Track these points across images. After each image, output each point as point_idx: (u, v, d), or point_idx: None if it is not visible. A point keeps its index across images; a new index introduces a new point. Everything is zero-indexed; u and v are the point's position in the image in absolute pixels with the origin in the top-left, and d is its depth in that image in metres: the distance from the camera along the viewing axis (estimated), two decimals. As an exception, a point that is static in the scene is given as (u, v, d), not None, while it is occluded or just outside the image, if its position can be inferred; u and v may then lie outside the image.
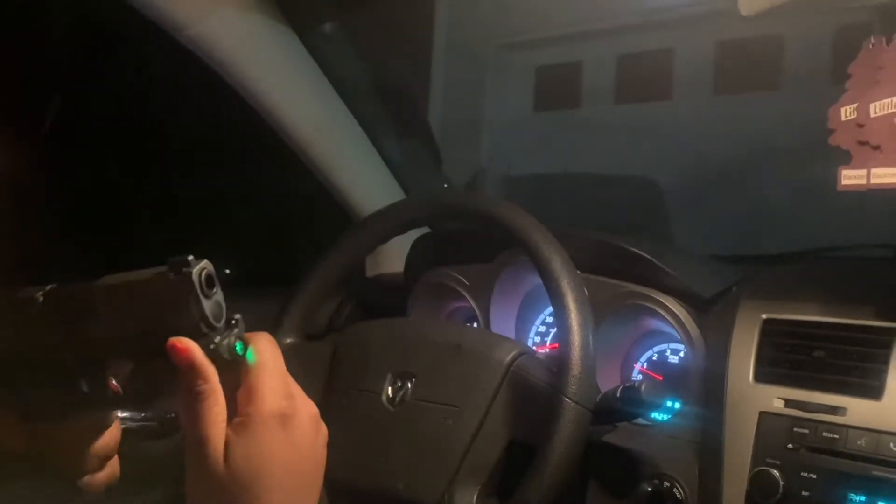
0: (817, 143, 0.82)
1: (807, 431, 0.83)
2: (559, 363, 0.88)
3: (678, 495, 0.90)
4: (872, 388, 0.82)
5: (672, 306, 1.01)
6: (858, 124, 0.79)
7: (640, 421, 0.95)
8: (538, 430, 0.86)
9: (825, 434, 0.82)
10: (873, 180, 0.77)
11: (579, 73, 1.92)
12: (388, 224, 1.11)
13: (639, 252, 1.04)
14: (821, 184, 0.84)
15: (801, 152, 1.36)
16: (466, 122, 2.02)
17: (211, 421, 0.57)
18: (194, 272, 0.56)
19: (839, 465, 0.81)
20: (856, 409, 0.82)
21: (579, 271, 0.94)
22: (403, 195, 1.41)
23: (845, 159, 0.80)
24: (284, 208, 1.64)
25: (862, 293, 0.91)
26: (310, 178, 1.34)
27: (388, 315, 1.16)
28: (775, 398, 0.87)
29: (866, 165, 0.78)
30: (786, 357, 0.89)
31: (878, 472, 0.79)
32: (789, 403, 0.86)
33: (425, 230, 1.31)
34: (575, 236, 1.04)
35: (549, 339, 1.21)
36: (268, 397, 0.58)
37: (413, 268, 1.27)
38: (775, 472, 0.83)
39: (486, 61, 2.01)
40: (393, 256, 1.37)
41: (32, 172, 1.34)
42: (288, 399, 0.59)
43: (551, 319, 1.20)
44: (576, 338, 0.88)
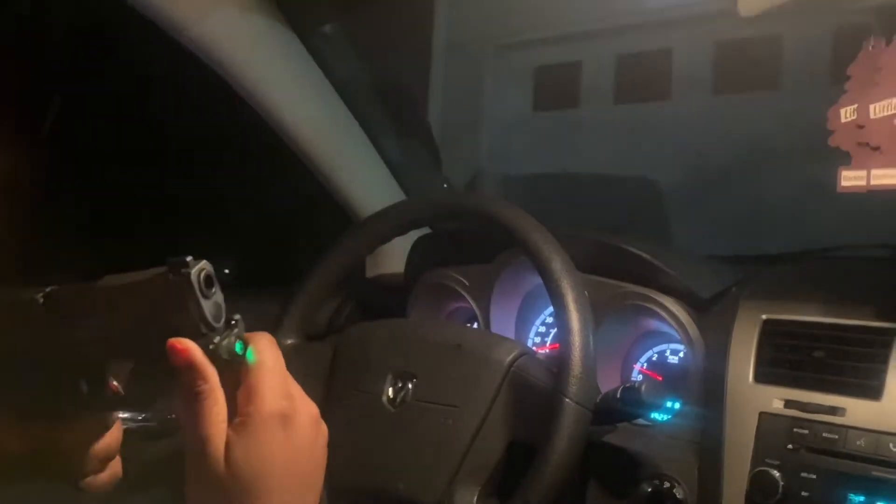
0: (817, 144, 0.82)
1: (806, 432, 0.83)
2: (559, 363, 0.88)
3: (678, 495, 0.90)
4: (872, 389, 0.82)
5: (672, 307, 1.01)
6: (858, 125, 0.79)
7: (641, 421, 0.95)
8: (538, 431, 0.86)
9: (825, 434, 0.82)
10: (873, 181, 0.78)
11: (578, 73, 1.92)
12: (389, 224, 1.11)
13: (638, 252, 1.04)
14: (820, 184, 0.85)
15: (800, 152, 1.36)
16: (466, 123, 2.03)
17: (211, 421, 0.57)
18: (193, 273, 0.56)
19: (839, 465, 0.81)
20: (855, 410, 0.82)
21: (579, 272, 0.94)
22: (403, 195, 1.41)
23: (845, 159, 0.80)
24: (284, 209, 1.64)
25: (862, 293, 0.91)
26: (310, 179, 1.34)
27: (388, 315, 1.16)
28: (775, 398, 0.87)
29: (866, 166, 0.78)
30: (785, 357, 0.89)
31: (878, 473, 0.79)
32: (789, 404, 0.86)
33: (425, 231, 1.31)
34: (575, 236, 1.04)
35: (550, 340, 1.21)
36: (268, 397, 0.58)
37: (413, 268, 1.27)
38: (775, 473, 0.83)
39: (486, 61, 2.01)
40: (393, 257, 1.37)
41: (32, 173, 1.34)
42: (288, 399, 0.59)
43: (551, 320, 1.20)
44: (576, 338, 0.88)
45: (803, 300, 0.92)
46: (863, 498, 0.79)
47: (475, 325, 1.20)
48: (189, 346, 0.57)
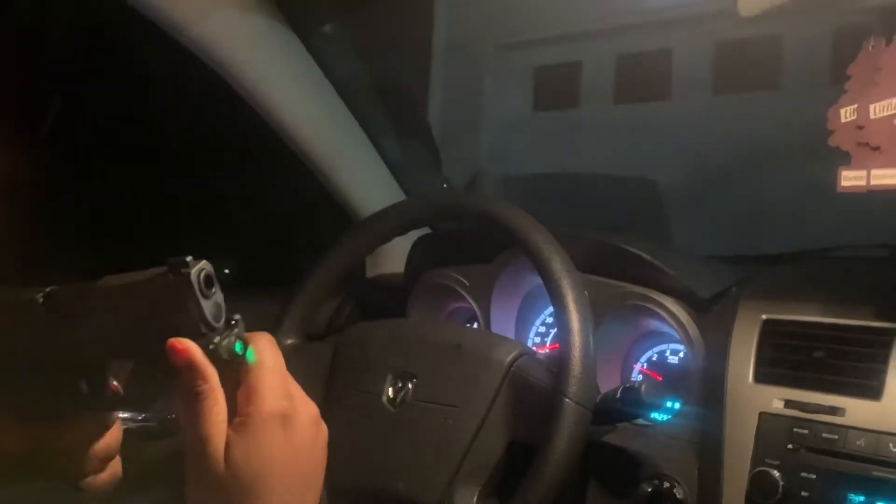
0: (816, 144, 0.82)
1: (806, 432, 0.83)
2: (559, 363, 0.88)
3: (678, 495, 0.90)
4: (872, 389, 0.82)
5: (672, 307, 1.01)
6: (858, 125, 0.79)
7: (640, 421, 0.95)
8: (538, 431, 0.86)
9: (825, 434, 0.82)
10: (873, 181, 0.78)
11: (578, 73, 1.92)
12: (389, 224, 1.11)
13: (638, 252, 1.04)
14: (820, 184, 0.85)
15: (800, 152, 1.36)
16: (466, 123, 2.03)
17: (211, 421, 0.57)
18: (193, 273, 0.56)
19: (839, 465, 0.81)
20: (855, 410, 0.82)
21: (579, 272, 0.94)
22: (403, 195, 1.41)
23: (845, 159, 0.80)
24: (284, 209, 1.64)
25: (862, 293, 0.91)
26: (310, 179, 1.34)
27: (388, 315, 1.16)
28: (775, 399, 0.87)
29: (866, 166, 0.78)
30: (785, 357, 0.89)
31: (878, 473, 0.79)
32: (789, 404, 0.86)
33: (425, 231, 1.31)
34: (575, 236, 1.04)
35: (549, 340, 1.21)
36: (268, 397, 0.58)
37: (413, 268, 1.27)
38: (775, 473, 0.83)
39: (486, 61, 2.02)
40: (393, 257, 1.37)
41: (32, 173, 1.34)
42: (288, 399, 0.59)
43: (551, 320, 1.20)
44: (576, 338, 0.88)
45: (803, 300, 0.92)
46: (863, 498, 0.79)
47: (475, 325, 1.20)
48: (189, 346, 0.57)
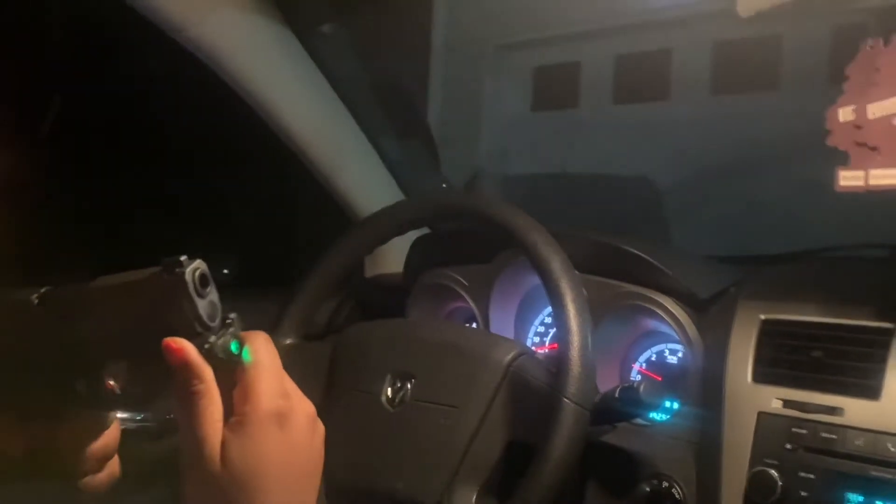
0: (815, 144, 0.83)
1: (805, 432, 0.84)
2: (558, 363, 0.88)
3: (677, 495, 0.90)
4: (870, 389, 0.82)
5: (670, 307, 1.01)
6: (856, 125, 0.79)
7: (639, 421, 0.95)
8: (537, 431, 0.86)
9: (823, 434, 0.82)
10: (871, 181, 0.78)
11: (577, 74, 1.92)
12: (388, 225, 1.11)
13: (637, 252, 1.04)
14: (819, 184, 0.85)
15: (799, 152, 1.36)
16: (465, 123, 2.03)
17: (207, 420, 0.57)
18: (187, 272, 0.55)
19: (837, 465, 0.81)
20: (854, 410, 0.82)
21: (578, 272, 0.94)
22: (402, 195, 1.41)
23: (843, 159, 0.80)
24: (284, 209, 1.64)
25: (860, 293, 0.91)
26: (309, 179, 1.34)
27: (387, 315, 1.16)
28: (774, 398, 0.87)
29: (864, 166, 0.78)
30: (784, 357, 0.89)
31: (876, 473, 0.79)
32: (788, 404, 0.86)
33: (424, 231, 1.31)
34: (573, 237, 1.04)
35: (548, 340, 1.21)
36: (264, 396, 0.58)
37: (412, 268, 1.27)
38: (774, 473, 0.83)
39: (485, 62, 2.01)
40: (392, 257, 1.38)
41: (32, 173, 1.34)
42: (284, 398, 0.59)
43: (550, 320, 1.20)
44: (575, 338, 0.88)
45: (802, 300, 0.92)
46: (861, 498, 0.79)
47: (474, 325, 1.20)
48: (184, 346, 0.56)
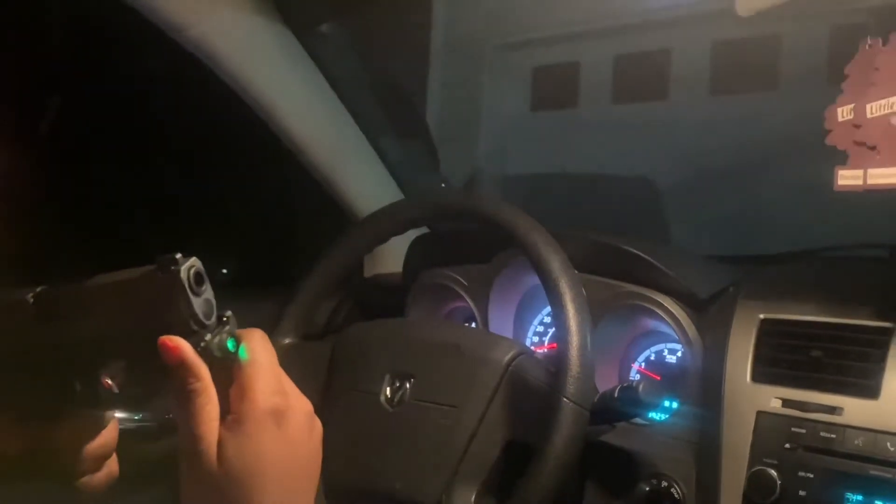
0: (814, 143, 0.83)
1: (804, 431, 0.84)
2: (557, 363, 0.88)
3: (676, 495, 0.90)
4: (869, 388, 0.82)
5: (670, 306, 1.01)
6: (855, 125, 0.79)
7: (638, 421, 0.95)
8: (536, 431, 0.86)
9: (822, 434, 0.83)
10: (870, 181, 0.78)
11: (577, 73, 1.92)
12: (387, 224, 1.11)
13: (636, 252, 1.04)
14: (818, 183, 0.85)
15: (798, 152, 1.36)
16: (464, 122, 2.03)
17: (203, 419, 0.57)
18: (182, 270, 0.55)
19: (836, 464, 0.81)
20: (853, 409, 0.82)
21: (577, 271, 0.94)
22: (401, 195, 1.41)
23: (843, 159, 0.80)
24: (283, 208, 1.64)
25: (859, 293, 0.91)
26: (308, 178, 1.34)
27: (386, 315, 1.16)
28: (773, 398, 0.87)
29: (863, 166, 0.78)
30: (783, 357, 0.89)
31: (875, 472, 0.79)
32: (787, 403, 0.86)
33: (424, 230, 1.31)
34: (573, 236, 1.04)
35: (548, 339, 1.21)
36: (261, 394, 0.58)
37: (411, 268, 1.27)
38: (773, 472, 0.83)
39: (484, 61, 2.02)
40: (391, 257, 1.37)
41: (31, 173, 1.34)
42: (281, 395, 0.59)
43: (549, 319, 1.20)
44: (574, 338, 0.88)
45: (801, 300, 0.92)
46: (860, 497, 0.79)
47: (473, 324, 1.20)
48: (180, 344, 0.56)
